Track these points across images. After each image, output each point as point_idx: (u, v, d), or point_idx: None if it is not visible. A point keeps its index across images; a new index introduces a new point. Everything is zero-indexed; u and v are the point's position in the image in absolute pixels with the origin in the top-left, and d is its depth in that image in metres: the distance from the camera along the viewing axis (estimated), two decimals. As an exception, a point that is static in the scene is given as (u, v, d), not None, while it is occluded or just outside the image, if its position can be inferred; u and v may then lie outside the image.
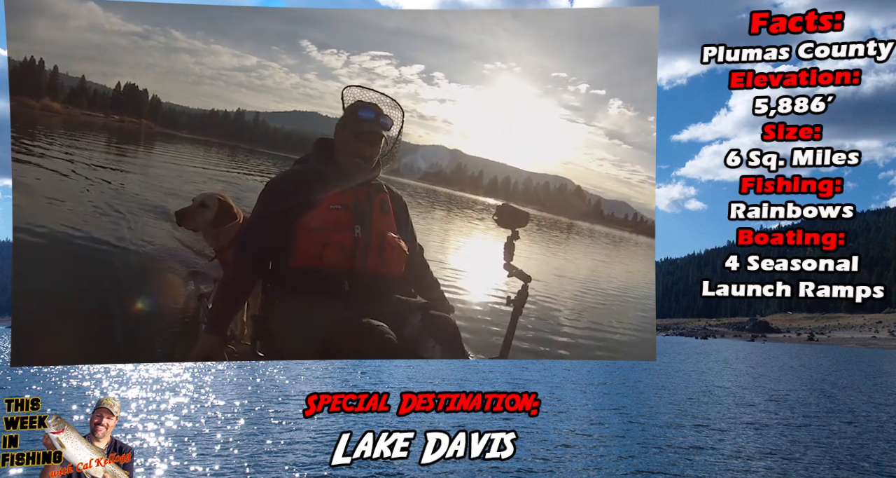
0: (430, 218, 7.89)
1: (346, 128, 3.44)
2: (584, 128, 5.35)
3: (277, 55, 5.69)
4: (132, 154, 6.96)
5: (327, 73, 5.74)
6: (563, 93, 5.08)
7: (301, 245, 3.24)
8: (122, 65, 5.44)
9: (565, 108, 5.24)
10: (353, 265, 3.27)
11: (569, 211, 7.04)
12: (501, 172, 7.06)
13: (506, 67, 4.85)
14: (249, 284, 3.39)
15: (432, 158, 6.45)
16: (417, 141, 6.07)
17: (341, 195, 3.33)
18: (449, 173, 6.92)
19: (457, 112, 5.71)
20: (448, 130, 6.01)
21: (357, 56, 5.79)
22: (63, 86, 5.48)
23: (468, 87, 5.21)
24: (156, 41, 5.28)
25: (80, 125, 6.21)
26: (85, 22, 4.81)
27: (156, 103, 5.94)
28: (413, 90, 5.74)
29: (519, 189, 6.88)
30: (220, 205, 4.01)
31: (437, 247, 7.29)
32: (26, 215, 4.41)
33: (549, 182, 6.77)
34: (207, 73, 5.75)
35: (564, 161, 5.83)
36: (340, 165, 3.41)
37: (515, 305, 3.50)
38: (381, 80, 5.75)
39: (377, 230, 3.36)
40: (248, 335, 3.91)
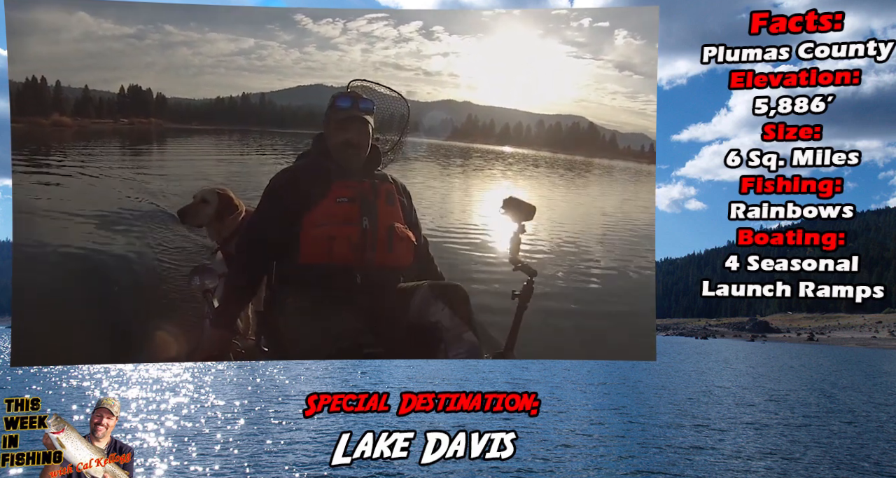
0: (449, 176, 7.86)
1: (329, 120, 3.44)
2: (593, 63, 5.28)
3: (273, 33, 5.66)
4: (146, 153, 6.99)
5: (326, 44, 5.69)
6: (567, 30, 5.02)
7: (308, 241, 3.23)
8: (121, 68, 5.46)
9: (570, 45, 5.17)
10: (363, 258, 3.26)
11: (584, 149, 6.97)
12: (513, 118, 7.00)
13: (505, 11, 4.83)
14: (255, 281, 3.39)
15: (442, 114, 6.42)
16: (426, 98, 6.04)
17: (346, 188, 3.33)
18: (460, 127, 6.89)
19: (461, 64, 5.67)
20: (455, 84, 5.97)
21: (353, 21, 5.74)
22: (68, 99, 5.52)
23: (469, 37, 5.17)
24: (151, 39, 5.27)
25: (91, 134, 6.26)
26: (77, 32, 4.82)
27: (161, 100, 5.94)
28: (415, 48, 5.69)
29: (532, 133, 6.82)
30: (220, 199, 4.01)
31: (460, 205, 7.28)
32: (26, 215, 4.41)
33: (561, 122, 6.70)
34: (207, 62, 5.74)
35: (577, 99, 5.74)
36: (335, 159, 3.41)
37: (521, 301, 3.48)
38: (382, 42, 5.71)
39: (384, 222, 3.35)
40: (252, 332, 3.91)
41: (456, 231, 6.39)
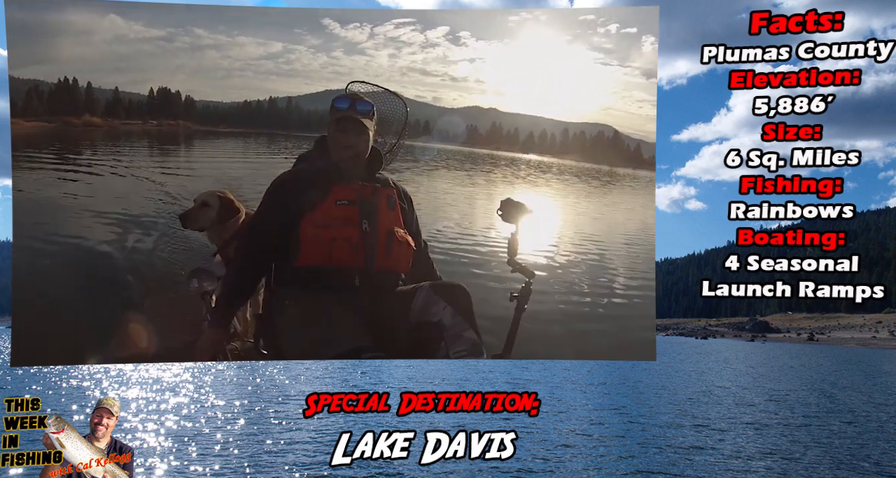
0: (472, 183, 7.88)
1: (330, 122, 3.44)
2: (619, 69, 5.24)
3: (301, 37, 5.69)
4: (173, 155, 7.04)
5: (353, 49, 5.73)
6: (594, 36, 5.00)
7: (308, 243, 3.23)
8: (151, 70, 5.52)
9: (597, 52, 5.14)
10: (362, 261, 3.26)
11: (609, 158, 6.94)
12: (538, 126, 6.98)
13: (531, 17, 4.81)
14: (252, 282, 3.39)
15: (463, 120, 6.42)
16: (452, 104, 6.04)
17: (346, 191, 3.32)
18: (484, 134, 6.88)
19: (488, 70, 5.67)
20: (482, 90, 5.98)
21: (381, 26, 5.77)
22: (99, 100, 5.57)
23: (496, 42, 5.16)
24: (181, 42, 5.32)
25: (120, 135, 6.32)
26: (109, 34, 4.86)
27: (189, 103, 6.00)
28: (441, 53, 5.71)
29: (557, 141, 6.80)
30: (221, 202, 4.02)
31: (484, 211, 7.30)
32: (26, 215, 4.41)
33: (586, 131, 6.67)
34: (236, 65, 5.80)
35: (603, 107, 5.71)
36: (335, 161, 3.41)
37: (519, 302, 3.48)
38: (408, 47, 5.72)
39: (384, 225, 3.35)
40: (251, 333, 3.91)
41: (474, 238, 6.41)
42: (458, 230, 6.61)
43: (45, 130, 5.17)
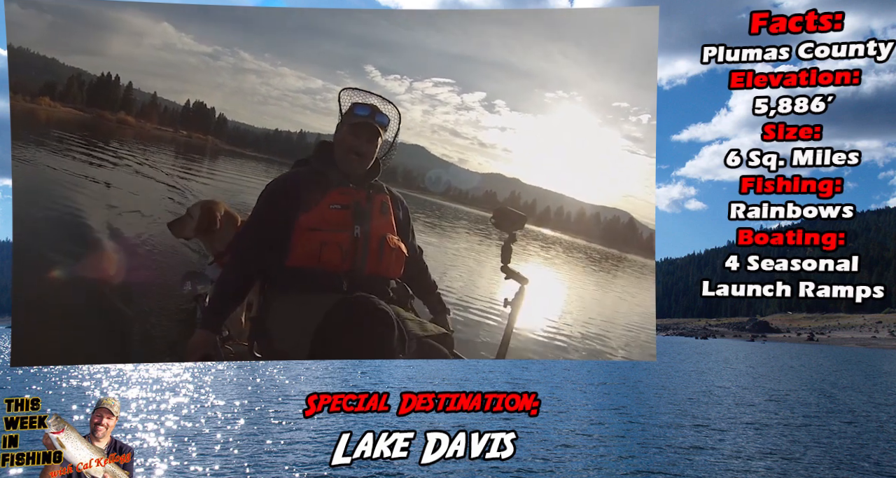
0: (489, 244, 7.96)
1: (343, 125, 3.45)
2: (646, 159, 5.27)
3: (342, 79, 5.76)
4: (196, 167, 7.11)
5: (390, 99, 5.85)
6: (625, 123, 5.05)
7: (299, 245, 3.24)
8: (192, 83, 5.59)
9: (626, 139, 5.19)
10: (352, 266, 3.27)
11: (621, 244, 7.01)
12: (556, 202, 7.03)
13: (567, 96, 4.86)
14: (245, 284, 3.38)
15: (486, 186, 6.50)
16: (477, 169, 6.13)
17: (340, 195, 3.34)
18: (502, 201, 6.95)
19: (517, 140, 5.75)
20: (508, 159, 6.07)
21: (420, 82, 5.86)
22: (136, 101, 5.63)
23: (529, 115, 5.24)
24: (225, 62, 5.40)
25: (149, 138, 6.38)
26: (159, 41, 4.90)
27: (222, 121, 6.10)
28: (474, 117, 5.78)
29: (571, 220, 6.86)
30: (201, 212, 3.97)
31: (494, 272, 7.37)
32: (27, 215, 4.41)
33: (601, 213, 6.70)
34: (273, 93, 5.87)
35: (624, 194, 5.73)
36: (338, 165, 3.42)
37: (513, 308, 3.50)
38: (443, 106, 5.82)
39: (376, 231, 3.35)
40: (246, 336, 3.91)
41: (481, 301, 6.44)
42: (465, 286, 6.65)
43: (79, 118, 5.22)
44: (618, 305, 7.39)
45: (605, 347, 5.72)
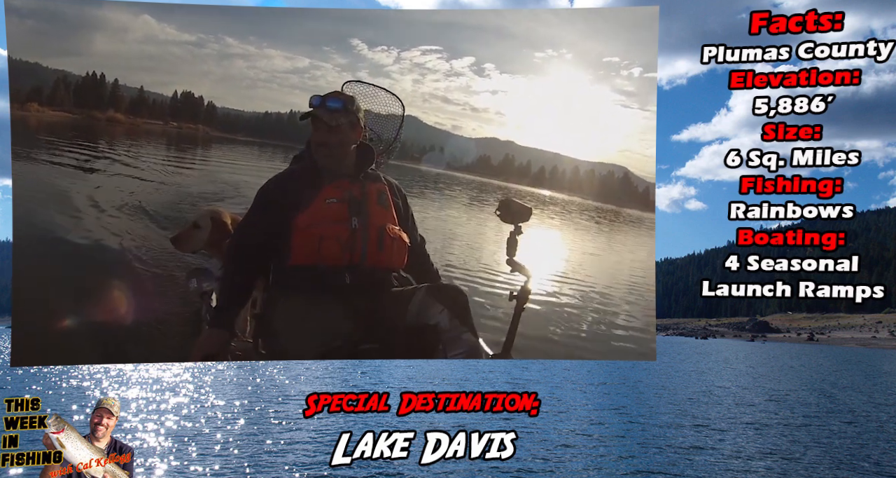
0: (484, 211, 7.93)
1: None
2: (639, 113, 5.24)
3: (329, 55, 5.74)
4: (188, 159, 7.08)
5: (379, 71, 5.79)
6: (617, 78, 5.02)
7: (298, 243, 3.24)
8: (178, 73, 5.57)
9: (619, 94, 5.16)
10: (353, 258, 3.26)
11: (617, 199, 6.98)
12: (550, 161, 7.01)
13: (557, 55, 4.80)
14: (248, 281, 3.37)
15: (475, 148, 6.46)
16: (471, 134, 6.10)
17: (335, 189, 3.32)
18: (496, 165, 6.92)
19: (509, 103, 5.70)
20: (501, 122, 6.03)
21: (407, 52, 5.81)
22: (124, 97, 5.61)
23: (520, 77, 5.19)
24: (210, 49, 5.37)
25: (140, 133, 6.36)
26: (141, 34, 4.89)
27: (211, 109, 6.07)
28: (465, 83, 5.75)
29: (566, 178, 6.82)
30: (213, 224, 3.90)
31: (494, 240, 7.32)
32: (27, 215, 4.41)
33: (595, 169, 6.70)
34: (261, 76, 5.85)
35: (620, 149, 5.71)
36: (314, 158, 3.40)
37: (518, 302, 3.48)
38: (433, 74, 5.78)
39: (375, 222, 3.34)
40: (250, 333, 3.91)
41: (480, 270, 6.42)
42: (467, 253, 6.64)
43: (69, 120, 5.20)
44: (618, 260, 7.39)
45: (607, 307, 5.72)
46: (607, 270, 6.97)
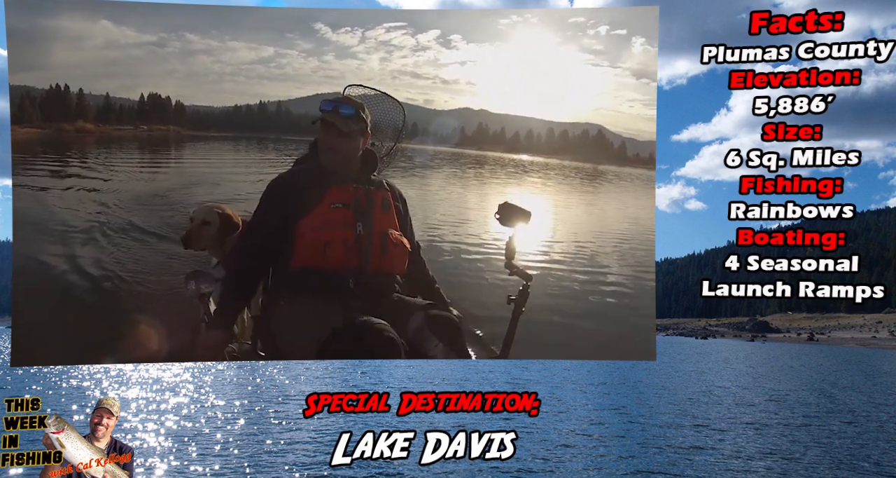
0: (465, 184, 7.93)
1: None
2: (610, 70, 5.24)
3: (293, 42, 5.70)
4: (163, 161, 7.06)
5: (345, 52, 5.74)
6: (584, 37, 5.01)
7: (303, 246, 3.24)
8: (142, 76, 5.53)
9: (588, 53, 5.16)
10: (357, 263, 3.27)
11: (594, 156, 6.99)
12: (524, 126, 7.01)
13: (522, 19, 4.80)
14: (251, 284, 3.39)
15: (454, 122, 6.45)
16: (443, 106, 6.08)
17: (341, 194, 3.33)
18: (470, 135, 6.92)
19: (479, 72, 5.70)
20: (472, 92, 6.02)
21: (372, 30, 5.77)
22: (90, 106, 5.58)
23: (487, 45, 5.18)
24: (172, 47, 5.33)
25: (111, 141, 6.34)
26: (100, 40, 4.85)
27: (180, 108, 6.02)
28: (432, 56, 5.72)
29: (542, 141, 6.82)
30: (221, 218, 3.92)
31: (478, 211, 7.34)
32: (27, 215, 4.41)
33: (569, 130, 6.71)
34: (227, 70, 5.80)
35: (594, 108, 5.72)
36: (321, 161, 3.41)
37: (516, 305, 3.49)
38: (399, 51, 5.74)
39: (378, 228, 3.35)
40: (248, 335, 3.91)
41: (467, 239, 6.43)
42: (452, 229, 6.64)
43: (39, 136, 5.18)
44: (603, 218, 7.40)
45: (599, 268, 5.75)
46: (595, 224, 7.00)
